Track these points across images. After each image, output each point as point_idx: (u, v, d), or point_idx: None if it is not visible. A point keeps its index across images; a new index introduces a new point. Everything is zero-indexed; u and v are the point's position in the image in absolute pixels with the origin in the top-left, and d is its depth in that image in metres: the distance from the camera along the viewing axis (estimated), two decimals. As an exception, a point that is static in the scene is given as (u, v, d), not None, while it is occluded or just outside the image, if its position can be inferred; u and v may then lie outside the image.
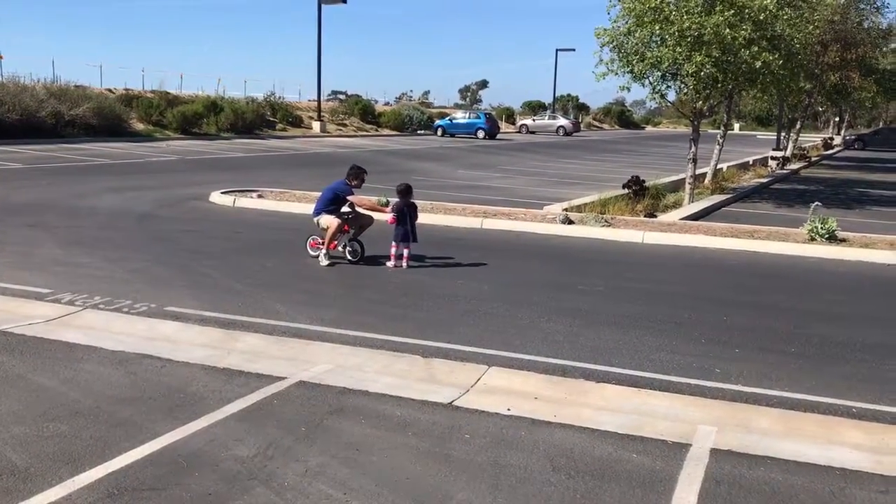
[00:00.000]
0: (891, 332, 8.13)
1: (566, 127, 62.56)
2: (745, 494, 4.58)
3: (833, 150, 51.14)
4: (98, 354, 6.57)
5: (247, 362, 6.48)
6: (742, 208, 19.18)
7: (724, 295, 9.58)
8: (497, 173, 26.17)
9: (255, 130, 41.76)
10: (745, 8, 15.95)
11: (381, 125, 53.62)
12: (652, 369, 6.63)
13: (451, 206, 15.52)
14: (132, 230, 12.59)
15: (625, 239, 13.20)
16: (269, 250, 11.32)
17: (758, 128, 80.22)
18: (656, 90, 17.84)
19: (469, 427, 5.38)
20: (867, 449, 5.24)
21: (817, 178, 30.16)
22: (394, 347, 6.95)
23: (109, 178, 19.63)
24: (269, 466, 4.69)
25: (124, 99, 37.70)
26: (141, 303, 8.07)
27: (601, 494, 4.52)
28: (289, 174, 22.67)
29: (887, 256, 12.05)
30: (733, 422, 5.64)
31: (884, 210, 19.79)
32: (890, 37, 35.16)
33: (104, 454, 4.74)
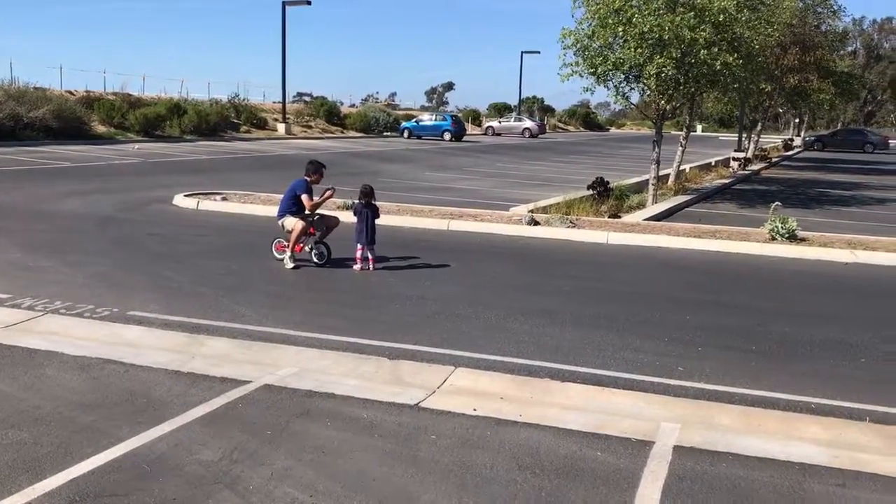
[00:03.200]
0: (849, 330, 8.29)
1: (532, 129, 62.84)
2: (707, 490, 4.65)
3: (793, 151, 52.06)
4: (59, 360, 6.48)
5: (211, 366, 6.43)
6: (704, 208, 19.44)
7: (686, 294, 9.71)
8: (463, 175, 26.23)
9: (218, 133, 41.38)
10: (705, 10, 16.19)
11: (347, 127, 53.46)
12: (616, 368, 6.70)
13: (417, 208, 15.53)
14: (94, 234, 12.42)
15: (589, 239, 13.31)
16: (233, 253, 11.24)
17: (720, 129, 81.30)
18: (619, 92, 18.04)
19: (435, 428, 5.39)
20: (825, 444, 5.35)
21: (778, 178, 30.67)
22: (360, 350, 6.95)
23: (70, 182, 19.33)
24: (234, 470, 4.66)
25: (85, 101, 37.13)
26: (103, 307, 7.96)
27: (566, 492, 4.56)
28: (253, 176, 22.51)
29: (845, 255, 12.30)
30: (696, 419, 5.72)
31: (842, 210, 20.18)
32: (846, 40, 35.91)
33: (65, 461, 4.67)
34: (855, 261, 12.08)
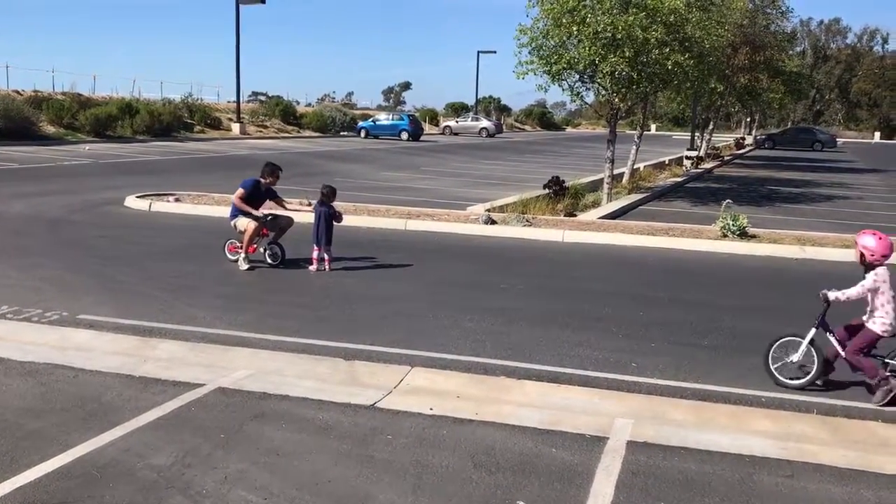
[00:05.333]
0: (796, 324, 8.43)
1: (489, 128, 63.09)
2: (660, 484, 4.72)
3: (745, 150, 53.03)
4: (5, 366, 6.33)
5: (164, 370, 6.34)
6: (658, 207, 19.70)
7: (640, 291, 9.83)
8: (421, 174, 26.22)
9: (172, 133, 40.80)
10: (657, 11, 16.41)
11: (303, 127, 53.10)
12: (571, 365, 6.76)
13: (374, 208, 15.48)
14: (43, 237, 12.15)
15: (545, 238, 13.40)
16: (186, 255, 11.09)
17: (674, 128, 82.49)
18: (574, 91, 18.21)
19: (391, 428, 5.39)
20: (774, 436, 5.47)
21: (730, 176, 31.21)
22: (315, 351, 6.90)
23: (18, 183, 18.89)
24: (186, 474, 4.60)
25: (33, 101, 36.30)
26: (52, 311, 7.80)
27: (521, 489, 4.59)
28: (207, 177, 22.24)
29: (795, 251, 12.56)
30: (649, 414, 5.80)
31: (792, 207, 20.61)
32: (795, 40, 36.66)
33: (11, 468, 4.57)
34: (804, 256, 12.35)
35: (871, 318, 6.28)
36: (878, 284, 6.20)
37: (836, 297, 6.32)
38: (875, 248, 6.23)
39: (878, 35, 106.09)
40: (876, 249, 6.23)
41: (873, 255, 6.24)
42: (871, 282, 6.22)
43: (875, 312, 6.26)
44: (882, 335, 6.21)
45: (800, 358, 6.43)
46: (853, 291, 6.27)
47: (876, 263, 6.25)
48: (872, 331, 6.23)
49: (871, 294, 6.24)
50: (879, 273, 6.21)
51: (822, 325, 6.45)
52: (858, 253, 6.36)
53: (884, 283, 6.19)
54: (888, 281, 6.21)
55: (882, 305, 6.22)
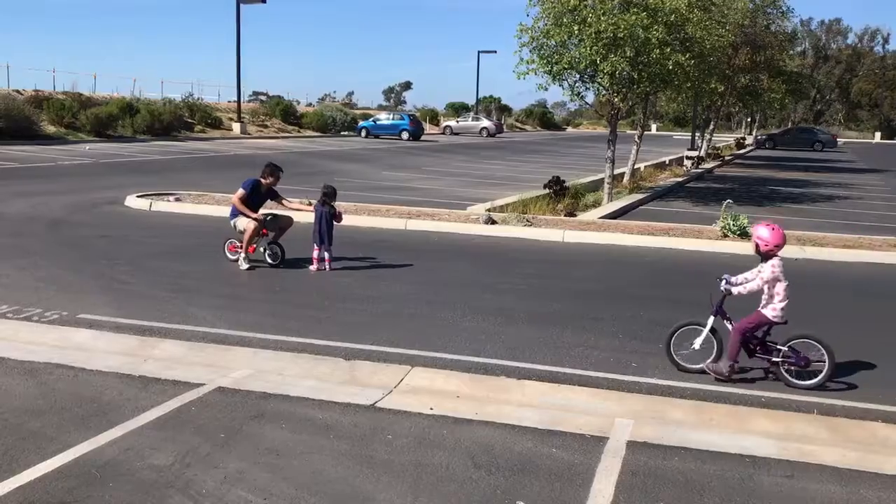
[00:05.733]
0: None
1: (489, 128, 63.09)
2: (660, 484, 4.72)
3: (745, 150, 53.05)
4: (5, 365, 6.33)
5: (164, 369, 6.34)
6: (658, 207, 19.69)
7: (640, 291, 9.83)
8: (421, 174, 26.22)
9: (172, 132, 40.80)
10: (658, 10, 16.40)
11: (304, 126, 53.10)
12: (571, 365, 6.76)
13: (375, 208, 15.48)
14: (43, 236, 12.15)
15: (546, 238, 13.40)
16: (187, 255, 11.09)
17: (674, 128, 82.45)
18: (575, 91, 18.19)
19: (391, 428, 5.38)
20: (774, 436, 5.46)
21: (730, 176, 31.20)
22: (316, 351, 6.90)
23: (18, 183, 18.90)
24: (186, 474, 4.60)
25: (34, 100, 36.31)
26: (52, 311, 7.80)
27: (521, 489, 4.59)
28: (207, 176, 22.24)
29: (795, 251, 12.54)
30: (649, 414, 5.80)
31: (792, 206, 20.60)
32: (795, 40, 36.63)
33: (11, 468, 4.57)
34: (804, 256, 12.33)
35: (766, 304, 6.57)
36: (777, 274, 6.50)
37: (739, 292, 6.62)
38: (769, 239, 6.55)
39: (878, 35, 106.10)
40: (770, 240, 6.54)
41: (767, 245, 6.55)
42: (769, 273, 6.52)
43: (770, 300, 6.55)
44: (773, 321, 6.52)
45: (701, 344, 6.69)
46: (753, 285, 6.58)
47: (771, 253, 6.56)
48: (764, 315, 6.54)
49: (769, 283, 6.53)
50: (776, 263, 6.53)
51: (720, 312, 6.74)
52: (754, 244, 6.68)
53: (781, 272, 6.51)
54: (783, 270, 6.53)
55: (777, 294, 6.51)
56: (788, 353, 6.46)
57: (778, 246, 6.57)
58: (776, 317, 6.52)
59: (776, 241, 6.56)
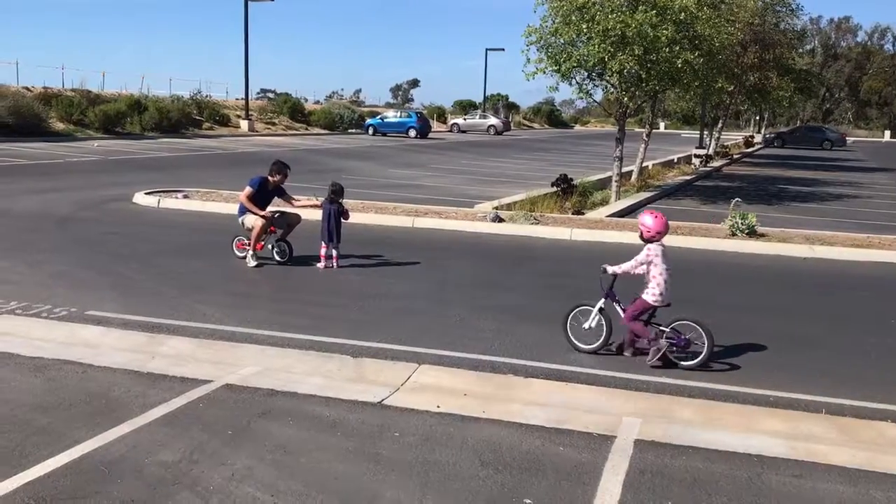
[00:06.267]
0: (805, 323, 8.44)
1: (497, 126, 63.03)
2: (667, 483, 4.70)
3: (754, 148, 52.84)
4: (14, 361, 6.35)
5: (172, 366, 6.35)
6: (666, 205, 19.62)
7: (649, 290, 9.79)
8: (428, 172, 26.22)
9: (180, 130, 40.91)
10: (667, 9, 16.34)
11: (312, 124, 53.15)
12: (578, 363, 6.75)
13: (382, 206, 15.49)
14: (52, 233, 12.20)
15: (553, 236, 13.38)
16: (194, 252, 11.11)
17: (682, 126, 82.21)
18: (583, 89, 18.15)
19: (398, 425, 5.38)
20: (783, 436, 5.44)
21: (739, 174, 31.10)
22: (323, 348, 6.91)
23: (27, 180, 18.97)
24: (194, 471, 4.61)
25: (43, 98, 36.45)
26: (61, 307, 7.83)
27: (528, 488, 4.58)
28: (215, 174, 22.29)
29: (804, 250, 12.51)
30: (657, 413, 5.78)
31: (801, 206, 20.52)
32: (804, 38, 36.49)
33: (21, 463, 4.58)
34: (813, 255, 12.29)
35: (646, 289, 6.84)
36: (651, 258, 6.79)
37: (614, 271, 6.94)
38: (651, 226, 6.84)
39: (888, 33, 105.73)
40: (651, 227, 6.84)
41: (649, 231, 6.85)
42: (643, 256, 6.83)
43: (648, 284, 6.83)
44: (653, 304, 6.82)
45: (592, 325, 7.04)
46: (627, 265, 6.88)
47: (653, 239, 6.85)
48: (644, 300, 6.82)
49: (646, 267, 6.81)
50: (651, 248, 6.82)
51: (610, 295, 7.06)
52: (639, 230, 7.00)
53: (656, 256, 6.79)
54: (660, 255, 6.80)
55: (654, 277, 6.80)
56: (671, 334, 6.76)
57: (660, 233, 6.84)
58: (655, 300, 6.80)
59: (658, 229, 6.82)
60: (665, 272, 6.80)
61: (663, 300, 6.81)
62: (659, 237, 6.85)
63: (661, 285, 6.78)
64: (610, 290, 7.05)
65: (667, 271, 6.81)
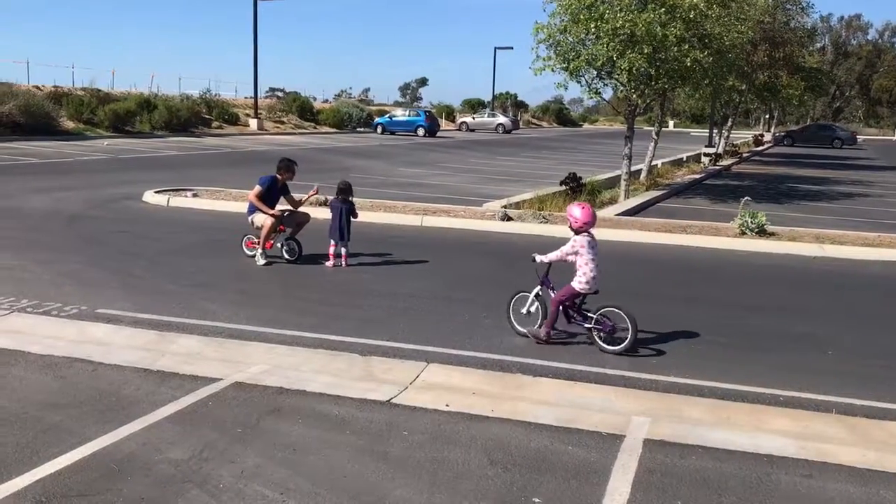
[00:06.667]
0: (816, 323, 8.41)
1: (505, 125, 62.99)
2: (676, 483, 4.69)
3: (763, 147, 52.64)
4: (25, 359, 6.39)
5: (181, 364, 6.38)
6: (676, 204, 19.59)
7: (657, 289, 9.79)
8: (437, 171, 26.22)
9: (190, 128, 41.04)
10: (676, 7, 16.29)
11: (320, 123, 53.23)
12: (587, 363, 6.74)
13: (391, 204, 15.50)
14: (62, 232, 12.25)
15: (562, 235, 13.26)
16: (204, 250, 11.15)
17: (692, 125, 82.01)
18: (592, 88, 18.11)
19: (407, 424, 5.39)
20: (793, 435, 5.42)
21: (748, 173, 30.99)
22: (332, 346, 6.92)
23: (38, 179, 19.06)
24: (204, 469, 4.62)
25: (53, 96, 36.63)
26: (71, 305, 7.87)
27: (537, 486, 4.58)
28: (225, 172, 22.34)
29: (813, 249, 12.46)
30: (666, 412, 5.77)
31: (811, 204, 20.44)
32: (815, 36, 36.31)
33: (32, 461, 4.61)
34: (822, 254, 12.25)
35: (575, 277, 7.16)
36: (577, 248, 7.12)
37: (541, 260, 7.34)
38: (578, 217, 7.13)
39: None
40: (579, 218, 7.13)
41: (577, 222, 7.15)
42: (569, 246, 7.17)
43: (577, 272, 7.14)
44: (580, 291, 7.14)
45: (528, 310, 7.41)
46: (555, 255, 7.25)
47: (580, 230, 7.16)
48: (573, 287, 7.15)
49: (574, 256, 7.15)
50: (577, 239, 7.15)
51: (545, 282, 7.43)
52: (568, 222, 7.29)
53: (581, 247, 7.11)
54: (586, 246, 7.11)
55: (580, 267, 7.12)
56: (599, 320, 7.06)
57: (587, 224, 7.13)
58: (583, 288, 7.11)
59: (584, 220, 7.12)
60: (592, 261, 7.11)
61: (590, 288, 7.12)
62: (586, 227, 7.15)
63: (588, 274, 7.09)
64: (545, 277, 7.42)
65: (593, 261, 7.12)
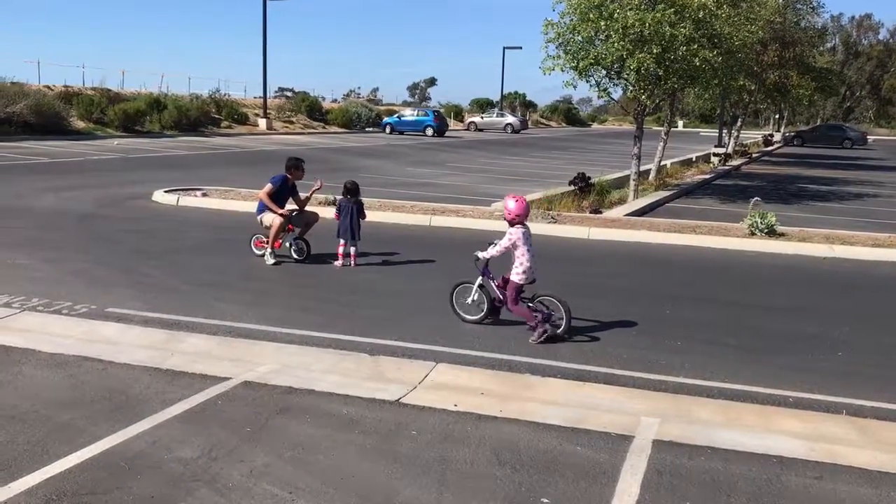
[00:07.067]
0: (826, 324, 8.37)
1: (514, 124, 62.93)
2: (686, 484, 4.68)
3: (773, 147, 52.41)
4: (36, 357, 6.42)
5: (191, 363, 6.39)
6: (685, 204, 19.53)
7: (666, 289, 9.76)
8: (445, 170, 26.22)
9: (199, 128, 41.14)
10: (685, 7, 16.23)
11: (329, 122, 53.27)
12: (596, 363, 6.73)
13: (399, 204, 15.50)
14: (72, 231, 12.30)
15: (571, 235, 13.34)
16: (213, 250, 11.18)
17: (701, 125, 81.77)
18: (601, 87, 18.07)
19: (416, 423, 5.39)
20: (802, 437, 5.40)
21: (758, 174, 30.87)
22: (341, 346, 6.93)
23: (48, 178, 19.14)
24: (213, 467, 4.64)
25: (64, 96, 36.79)
26: (81, 304, 7.90)
27: (546, 487, 4.57)
28: (234, 172, 22.39)
29: (823, 250, 12.41)
30: (675, 413, 5.75)
31: (821, 205, 20.35)
32: (825, 36, 36.15)
33: (42, 459, 4.63)
34: (833, 255, 12.19)
35: (512, 269, 7.34)
36: (514, 240, 7.29)
37: (484, 256, 7.54)
38: (513, 209, 7.29)
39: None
40: (513, 210, 7.29)
41: (510, 214, 7.32)
42: (507, 240, 7.33)
43: (514, 264, 7.32)
44: (521, 283, 7.33)
45: (472, 299, 7.71)
46: (494, 250, 7.45)
47: (515, 222, 7.32)
48: (514, 281, 7.34)
49: (511, 249, 7.32)
50: (513, 232, 7.31)
51: (486, 273, 7.68)
52: (503, 214, 7.46)
53: (518, 239, 7.29)
54: (522, 237, 7.29)
55: (518, 258, 7.31)
56: (536, 308, 7.31)
57: (520, 216, 7.30)
58: (522, 279, 7.32)
59: (518, 212, 7.28)
60: (528, 252, 7.31)
61: (527, 278, 7.33)
62: (520, 219, 7.32)
63: (525, 264, 7.29)
64: (485, 268, 7.68)
65: (529, 251, 7.32)
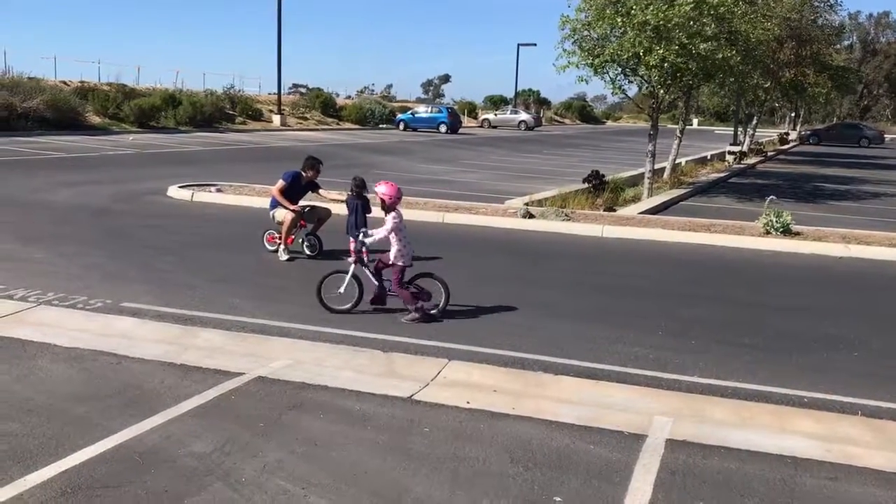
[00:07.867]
0: (840, 324, 8.31)
1: (528, 121, 62.77)
2: (699, 483, 4.66)
3: (789, 145, 52.09)
4: (52, 351, 6.46)
5: (204, 358, 6.42)
6: (700, 202, 19.44)
7: (680, 288, 9.72)
8: (459, 167, 26.20)
9: (214, 124, 41.25)
10: (704, 3, 16.13)
11: (343, 119, 53.32)
12: (610, 361, 6.70)
13: (412, 201, 15.48)
14: (88, 225, 12.37)
15: (585, 233, 13.30)
16: (227, 245, 11.21)
17: (716, 123, 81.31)
18: (616, 84, 18.00)
19: (428, 420, 5.39)
20: (817, 437, 5.36)
21: (773, 172, 30.69)
22: (354, 342, 6.94)
23: (64, 173, 19.26)
24: (226, 462, 4.65)
25: (80, 91, 36.95)
26: (96, 299, 7.94)
27: (558, 485, 4.56)
28: (248, 168, 22.45)
29: (840, 249, 12.32)
30: (689, 413, 5.73)
31: (837, 204, 20.21)
32: (843, 34, 35.86)
33: (57, 452, 4.66)
34: (849, 254, 12.10)
35: (393, 253, 7.51)
36: (397, 224, 7.47)
37: (370, 241, 7.64)
38: (388, 192, 7.49)
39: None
40: (388, 192, 7.48)
41: (390, 197, 7.49)
42: (391, 224, 7.47)
43: (393, 248, 7.51)
44: (404, 265, 7.55)
45: (344, 289, 7.70)
46: (380, 234, 7.55)
47: (392, 206, 7.50)
48: (397, 264, 7.53)
49: (394, 233, 7.47)
50: (395, 215, 7.49)
51: (360, 261, 7.78)
52: (379, 200, 7.59)
53: (399, 221, 7.50)
54: (399, 221, 7.51)
55: (398, 241, 7.49)
56: (415, 288, 7.60)
57: (397, 197, 7.53)
58: (406, 262, 7.56)
59: (391, 193, 7.49)
60: (405, 237, 7.58)
61: (407, 261, 7.58)
62: (397, 202, 7.54)
63: (406, 248, 7.54)
64: (360, 255, 7.81)
65: (405, 236, 7.59)
